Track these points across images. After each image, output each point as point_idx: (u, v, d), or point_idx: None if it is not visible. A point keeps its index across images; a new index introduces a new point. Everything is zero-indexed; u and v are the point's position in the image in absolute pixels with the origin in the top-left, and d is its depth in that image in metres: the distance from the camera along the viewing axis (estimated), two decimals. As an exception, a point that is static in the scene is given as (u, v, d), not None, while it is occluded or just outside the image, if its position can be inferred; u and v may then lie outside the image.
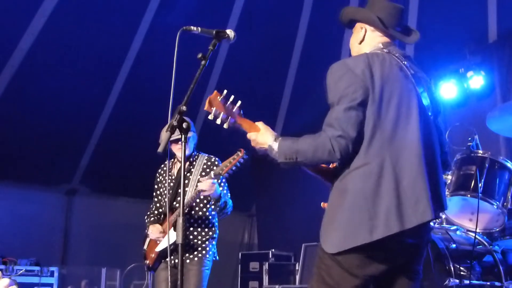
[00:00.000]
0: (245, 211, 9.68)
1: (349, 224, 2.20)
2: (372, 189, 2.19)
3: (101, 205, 8.41)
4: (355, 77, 2.28)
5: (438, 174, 2.35)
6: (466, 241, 3.85)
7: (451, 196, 3.89)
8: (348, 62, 2.36)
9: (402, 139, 2.26)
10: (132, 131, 7.98)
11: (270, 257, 7.07)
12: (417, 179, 2.22)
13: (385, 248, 2.21)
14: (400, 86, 2.34)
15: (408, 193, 2.19)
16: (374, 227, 2.15)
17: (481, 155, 3.88)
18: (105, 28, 7.13)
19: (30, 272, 6.26)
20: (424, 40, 7.56)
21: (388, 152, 2.23)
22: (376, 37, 2.56)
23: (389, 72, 2.35)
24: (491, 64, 6.40)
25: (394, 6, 2.60)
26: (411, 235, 2.24)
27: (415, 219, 2.17)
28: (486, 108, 6.03)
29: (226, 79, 8.10)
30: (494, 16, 6.69)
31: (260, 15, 7.86)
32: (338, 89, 2.30)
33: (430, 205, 2.19)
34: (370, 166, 2.23)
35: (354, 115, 2.24)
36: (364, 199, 2.20)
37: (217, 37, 2.64)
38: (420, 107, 2.36)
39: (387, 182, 2.19)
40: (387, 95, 2.29)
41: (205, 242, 3.97)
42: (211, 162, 4.09)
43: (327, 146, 2.22)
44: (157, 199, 4.25)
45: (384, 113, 2.27)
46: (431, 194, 2.23)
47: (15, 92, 7.10)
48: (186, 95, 2.47)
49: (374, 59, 2.36)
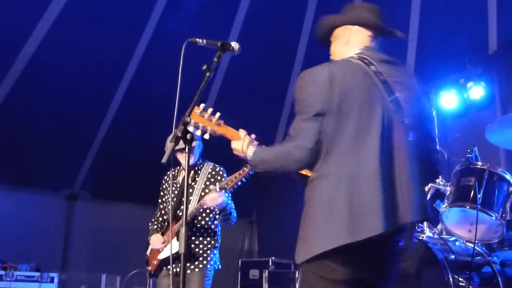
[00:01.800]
0: (245, 218, 9.67)
1: (310, 236, 2.24)
2: (330, 201, 2.21)
3: (102, 210, 8.40)
4: (315, 88, 2.31)
5: (408, 185, 2.27)
6: (465, 252, 3.87)
7: (450, 207, 3.91)
8: (310, 73, 2.38)
9: (360, 150, 2.24)
10: (134, 137, 7.99)
11: (270, 265, 7.06)
12: (370, 193, 2.19)
13: (350, 256, 2.21)
14: (362, 95, 2.32)
15: (360, 206, 2.17)
16: (327, 239, 2.17)
17: (480, 167, 3.90)
18: (109, 34, 7.17)
19: (30, 278, 6.25)
20: (425, 51, 7.66)
21: (345, 164, 2.24)
22: (360, 37, 2.57)
23: (352, 81, 2.33)
24: (491, 75, 6.44)
25: (373, 7, 2.64)
26: (374, 247, 2.21)
27: (365, 232, 2.15)
28: (486, 118, 6.07)
29: (229, 86, 8.14)
30: (494, 27, 6.73)
31: (262, 22, 7.91)
32: (300, 99, 2.36)
33: (382, 219, 2.15)
34: (328, 178, 2.25)
35: (309, 127, 2.27)
36: (322, 211, 2.22)
37: (222, 49, 2.67)
38: (384, 115, 2.31)
39: (341, 195, 2.19)
40: (347, 106, 2.28)
41: (207, 252, 3.98)
42: (216, 171, 4.12)
43: (286, 155, 2.31)
44: (162, 206, 4.28)
45: (342, 124, 2.26)
46: (389, 207, 2.19)
47: (19, 96, 7.12)
48: (191, 106, 2.50)
49: (337, 69, 2.36)
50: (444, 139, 6.37)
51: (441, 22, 7.15)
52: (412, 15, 7.37)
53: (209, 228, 4.03)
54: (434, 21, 7.23)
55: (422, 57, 7.35)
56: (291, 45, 8.29)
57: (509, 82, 6.23)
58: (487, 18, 6.74)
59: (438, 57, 7.01)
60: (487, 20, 6.75)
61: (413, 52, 7.43)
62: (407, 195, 2.25)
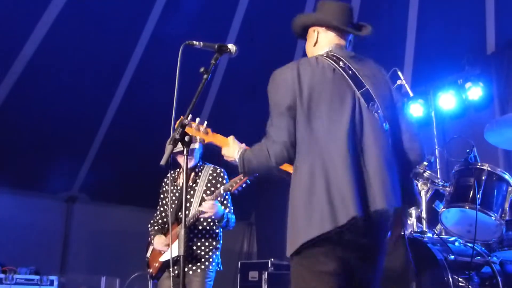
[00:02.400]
0: (245, 220, 9.68)
1: (295, 227, 2.32)
2: (306, 192, 2.28)
3: (101, 213, 8.40)
4: (284, 85, 2.41)
5: (380, 172, 2.32)
6: (465, 252, 3.86)
7: (449, 207, 3.91)
8: (279, 71, 2.50)
9: (331, 138, 2.32)
10: (132, 139, 7.99)
11: (270, 266, 7.05)
12: (342, 179, 2.25)
13: (335, 245, 2.25)
14: (331, 88, 2.41)
15: (337, 192, 2.24)
16: (311, 227, 2.23)
17: (479, 167, 3.90)
18: (107, 37, 7.17)
19: (29, 281, 6.24)
20: (423, 52, 7.66)
21: (316, 155, 2.30)
22: (329, 36, 2.63)
23: (320, 76, 2.42)
24: (489, 76, 6.44)
25: (342, 5, 2.67)
26: (355, 234, 2.26)
27: (345, 217, 2.20)
28: (484, 119, 6.07)
29: (226, 89, 8.15)
30: (492, 27, 6.74)
31: (260, 25, 7.91)
32: (271, 98, 2.46)
33: (356, 203, 2.20)
34: (302, 169, 2.32)
35: (284, 121, 2.37)
36: (302, 201, 2.29)
37: (219, 51, 2.69)
38: (354, 106, 2.39)
39: (318, 183, 2.26)
40: (316, 98, 2.37)
41: (209, 253, 3.98)
42: (217, 173, 4.11)
43: (264, 152, 2.38)
44: (162, 208, 4.28)
45: (313, 116, 2.35)
46: (360, 192, 2.25)
47: (16, 99, 7.12)
48: (189, 109, 2.51)
49: (305, 65, 2.46)
50: (443, 139, 6.38)
51: (439, 23, 7.16)
52: (410, 16, 7.38)
53: (210, 229, 4.03)
54: (432, 22, 7.24)
55: (420, 58, 7.35)
56: (289, 47, 8.29)
57: (507, 82, 6.24)
58: (485, 19, 6.75)
59: (436, 58, 7.02)
60: (485, 21, 6.75)
61: (411, 53, 7.44)
62: (378, 182, 2.30)
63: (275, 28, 7.96)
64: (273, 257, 7.23)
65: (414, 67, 7.39)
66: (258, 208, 9.52)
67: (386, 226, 2.40)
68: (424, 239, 3.80)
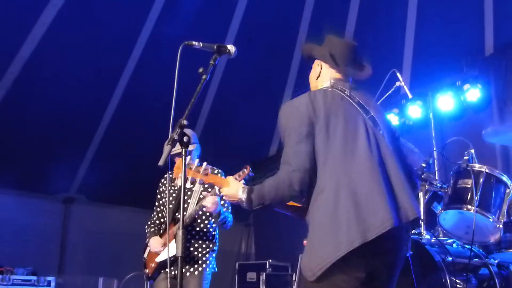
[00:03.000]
0: (243, 221, 9.68)
1: (320, 248, 2.26)
2: (332, 211, 2.26)
3: (99, 214, 8.40)
4: (300, 114, 2.45)
5: (402, 185, 2.39)
6: (462, 254, 3.86)
7: (447, 209, 3.91)
8: (293, 102, 2.56)
9: (352, 158, 2.36)
10: (130, 141, 7.99)
11: (267, 268, 7.07)
12: (372, 192, 2.28)
13: (358, 266, 2.24)
14: (343, 112, 2.49)
15: (366, 206, 2.24)
16: (338, 245, 2.19)
17: (477, 169, 3.90)
18: (105, 38, 7.17)
19: (26, 282, 6.23)
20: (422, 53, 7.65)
21: (340, 173, 2.32)
22: (330, 73, 2.74)
23: (332, 102, 2.50)
24: (487, 77, 6.44)
25: (348, 44, 2.79)
26: (383, 247, 2.27)
27: (377, 230, 2.20)
28: (482, 120, 6.08)
29: (225, 90, 8.15)
30: (490, 29, 6.74)
31: (259, 26, 7.91)
32: (286, 126, 2.49)
33: (391, 214, 2.24)
34: (327, 190, 2.31)
35: (303, 148, 2.38)
36: (326, 221, 2.27)
37: (218, 52, 2.70)
38: (367, 127, 2.49)
39: (344, 201, 2.26)
40: (333, 122, 2.43)
41: (206, 255, 3.98)
42: (214, 174, 4.09)
43: (286, 181, 2.35)
44: (159, 209, 4.27)
45: (332, 138, 2.40)
46: (392, 204, 2.29)
47: (14, 100, 7.12)
48: (187, 109, 2.51)
49: (316, 95, 2.53)
50: (441, 141, 6.38)
51: (438, 25, 7.16)
52: (409, 18, 7.39)
53: (207, 231, 4.02)
54: (431, 23, 7.25)
55: (419, 59, 7.36)
56: (288, 49, 8.29)
57: (505, 84, 6.23)
58: (484, 20, 6.75)
59: (435, 59, 7.02)
60: (484, 23, 6.76)
61: (410, 54, 7.44)
62: (405, 193, 2.37)
63: (274, 29, 7.97)
64: (271, 258, 7.25)
65: (412, 68, 7.39)
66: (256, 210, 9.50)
67: (409, 235, 2.48)
68: (422, 240, 3.80)
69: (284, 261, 7.40)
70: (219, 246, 4.15)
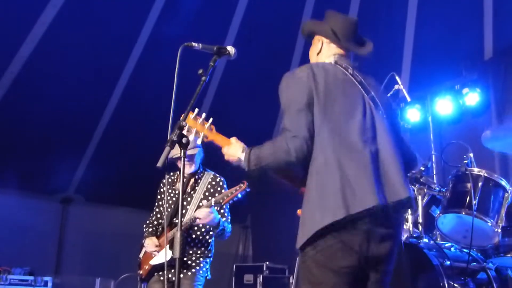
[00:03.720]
0: (240, 223, 9.66)
1: (307, 218, 2.32)
2: (320, 181, 2.31)
3: (96, 215, 8.37)
4: (301, 83, 2.48)
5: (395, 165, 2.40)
6: (460, 258, 3.86)
7: (445, 213, 3.91)
8: (294, 71, 2.58)
9: (345, 135, 2.38)
10: (129, 141, 7.98)
11: (265, 270, 7.05)
12: (360, 170, 2.31)
13: (350, 236, 2.26)
14: (344, 88, 2.51)
15: (353, 182, 2.27)
16: (323, 216, 2.24)
17: (476, 173, 3.90)
18: (105, 38, 7.16)
19: (23, 282, 6.22)
20: (421, 57, 7.66)
21: (330, 148, 2.35)
22: (331, 48, 2.74)
23: (333, 78, 2.52)
24: (486, 81, 6.45)
25: (349, 19, 2.79)
26: (372, 224, 2.28)
27: (359, 206, 2.23)
28: (481, 124, 6.09)
29: (224, 91, 8.14)
30: (490, 33, 6.76)
31: (259, 27, 7.91)
32: (287, 95, 2.51)
33: (375, 193, 2.26)
34: (318, 160, 2.35)
35: (303, 116, 2.40)
36: (315, 193, 2.32)
37: (217, 53, 2.70)
38: (365, 106, 2.50)
39: (333, 174, 2.29)
40: (332, 96, 2.45)
41: (199, 259, 3.98)
42: (216, 182, 4.08)
43: (284, 147, 2.36)
44: (158, 209, 4.25)
45: (329, 112, 2.41)
46: (380, 183, 2.32)
47: (13, 99, 7.10)
48: (186, 110, 2.50)
49: (318, 66, 2.55)
50: (439, 145, 6.39)
51: (437, 28, 7.17)
52: (408, 21, 7.40)
53: (203, 239, 4.01)
54: (430, 27, 7.26)
55: (418, 63, 7.37)
56: (287, 49, 8.29)
57: (504, 88, 6.24)
58: (483, 24, 6.77)
59: (434, 63, 7.03)
60: (483, 27, 6.78)
61: (409, 57, 7.45)
62: (396, 173, 2.38)
63: (274, 30, 7.97)
64: (268, 261, 7.23)
65: (411, 72, 7.40)
66: (254, 211, 9.50)
67: (402, 216, 2.47)
68: (420, 244, 3.79)
69: (281, 263, 7.38)
70: (216, 248, 4.15)
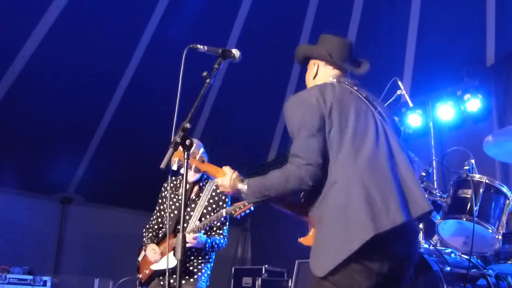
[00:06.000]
0: (239, 225, 9.66)
1: (331, 243, 2.23)
2: (344, 203, 2.24)
3: (96, 215, 8.37)
4: (311, 107, 2.39)
5: (413, 179, 2.39)
6: (461, 264, 3.86)
7: (446, 219, 3.91)
8: (301, 94, 2.50)
9: (363, 152, 2.34)
10: (129, 142, 7.98)
11: (263, 273, 7.04)
12: (383, 187, 2.26)
13: (373, 258, 2.22)
14: (354, 106, 2.47)
15: (378, 200, 2.22)
16: (351, 239, 2.17)
17: (477, 179, 3.89)
18: (107, 39, 7.16)
19: (22, 281, 6.21)
20: (423, 62, 7.66)
21: (351, 168, 2.30)
22: (328, 70, 2.72)
23: (341, 96, 2.47)
24: (488, 88, 6.46)
25: (344, 41, 2.77)
26: (395, 243, 2.26)
27: (388, 223, 2.19)
28: (482, 130, 6.08)
29: (225, 93, 8.14)
30: (492, 39, 6.76)
31: (261, 30, 7.92)
32: (295, 120, 2.42)
33: (401, 209, 2.23)
34: (339, 183, 2.29)
35: (315, 142, 2.33)
36: (337, 216, 2.24)
37: (222, 56, 2.69)
38: (376, 122, 2.48)
39: (356, 194, 2.23)
40: (344, 116, 2.41)
41: (201, 264, 3.97)
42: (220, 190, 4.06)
43: (297, 175, 2.30)
44: (159, 214, 4.22)
45: (343, 133, 2.37)
46: (402, 199, 2.29)
47: (14, 99, 7.10)
48: (190, 112, 2.50)
49: (326, 87, 2.49)
50: (440, 150, 6.39)
51: (439, 34, 7.18)
52: (410, 27, 7.41)
53: (203, 248, 3.95)
54: (432, 33, 7.27)
55: (419, 68, 7.37)
56: (289, 53, 8.27)
57: (506, 95, 6.24)
58: (485, 31, 6.78)
59: (436, 68, 7.04)
60: (485, 33, 6.78)
61: (411, 63, 7.46)
62: (415, 187, 2.36)
63: (276, 33, 7.98)
64: (267, 263, 7.22)
65: (413, 77, 7.41)
66: (253, 214, 9.48)
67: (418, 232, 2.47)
68: (420, 250, 3.79)
69: (280, 266, 7.37)
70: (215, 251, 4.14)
